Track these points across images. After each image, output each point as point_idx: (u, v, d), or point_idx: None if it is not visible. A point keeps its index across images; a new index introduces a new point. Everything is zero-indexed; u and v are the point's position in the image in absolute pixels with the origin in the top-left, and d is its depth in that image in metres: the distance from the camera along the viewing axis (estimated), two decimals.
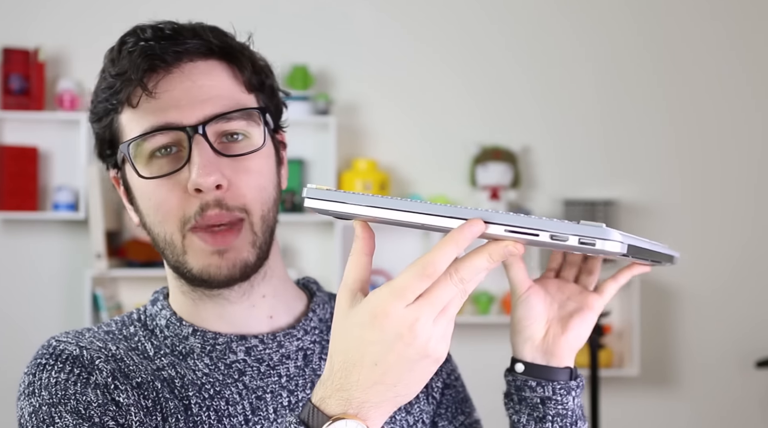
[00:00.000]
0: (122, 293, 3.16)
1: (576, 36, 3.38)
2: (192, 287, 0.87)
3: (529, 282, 0.83)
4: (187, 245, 0.83)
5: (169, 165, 0.82)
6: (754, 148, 3.42)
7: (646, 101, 3.39)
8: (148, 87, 0.82)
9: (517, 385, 0.85)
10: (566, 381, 0.83)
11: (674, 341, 3.37)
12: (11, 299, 3.13)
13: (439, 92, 3.32)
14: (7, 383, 3.10)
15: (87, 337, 0.86)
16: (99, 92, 0.87)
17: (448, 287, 0.60)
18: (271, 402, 0.85)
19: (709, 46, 3.42)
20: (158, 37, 0.84)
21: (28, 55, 3.07)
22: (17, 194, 3.03)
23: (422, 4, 3.33)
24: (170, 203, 0.82)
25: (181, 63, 0.84)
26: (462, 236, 0.59)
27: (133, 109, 0.83)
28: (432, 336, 0.60)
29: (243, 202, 0.83)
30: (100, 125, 0.87)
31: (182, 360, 0.86)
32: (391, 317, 0.59)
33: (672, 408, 3.36)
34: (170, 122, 0.82)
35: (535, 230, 0.57)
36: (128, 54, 0.83)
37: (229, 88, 0.85)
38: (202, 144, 0.81)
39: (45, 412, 0.78)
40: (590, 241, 0.56)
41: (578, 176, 3.36)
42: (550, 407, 0.83)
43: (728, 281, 3.37)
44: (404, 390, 0.62)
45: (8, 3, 3.15)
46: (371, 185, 3.12)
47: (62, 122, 3.10)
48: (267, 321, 0.90)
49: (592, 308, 0.83)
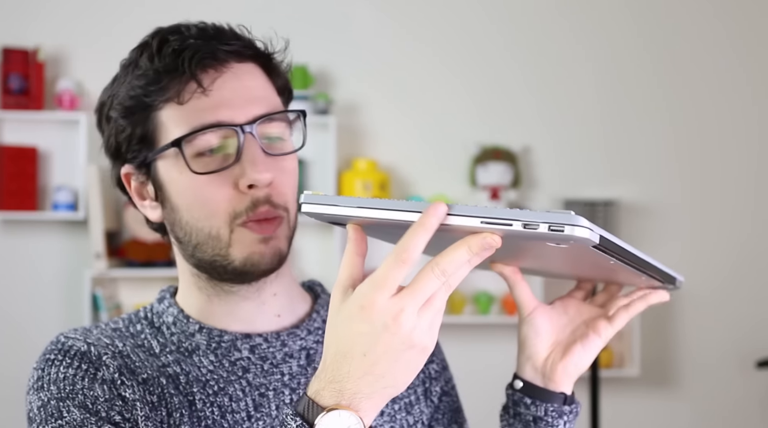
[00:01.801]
0: (122, 293, 3.16)
1: (576, 36, 3.38)
2: (211, 283, 0.89)
3: (534, 303, 0.85)
4: (234, 239, 0.84)
5: (215, 162, 0.84)
6: (753, 148, 3.42)
7: (645, 101, 3.39)
8: (203, 84, 0.83)
9: (515, 400, 0.88)
10: (559, 405, 0.86)
11: (674, 341, 3.37)
12: (11, 299, 3.13)
13: (439, 92, 3.32)
14: (8, 382, 3.10)
15: (94, 334, 0.88)
16: (131, 87, 0.86)
17: (430, 279, 0.62)
18: (274, 399, 0.87)
19: (709, 45, 3.42)
20: (205, 36, 0.86)
21: (28, 55, 3.07)
22: (16, 194, 3.03)
23: (422, 4, 3.33)
24: (219, 199, 0.83)
25: (230, 63, 0.86)
26: (428, 220, 0.61)
27: (179, 105, 0.84)
28: (416, 326, 0.62)
29: (284, 200, 0.86)
30: (130, 119, 0.86)
31: (187, 356, 0.88)
32: (376, 307, 0.61)
33: (672, 409, 3.36)
34: (222, 120, 0.83)
35: (508, 220, 0.59)
36: (174, 51, 0.84)
37: (267, 90, 0.88)
38: (254, 143, 0.83)
39: (53, 406, 0.80)
40: (558, 227, 0.58)
41: (578, 176, 3.36)
42: (541, 427, 0.86)
43: (728, 281, 3.37)
44: (393, 381, 0.63)
45: (8, 3, 3.15)
46: (371, 185, 3.12)
47: (62, 122, 3.10)
48: (275, 320, 0.91)
49: (600, 335, 0.85)
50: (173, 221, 0.87)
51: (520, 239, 0.61)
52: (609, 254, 0.64)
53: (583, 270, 0.80)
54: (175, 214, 0.87)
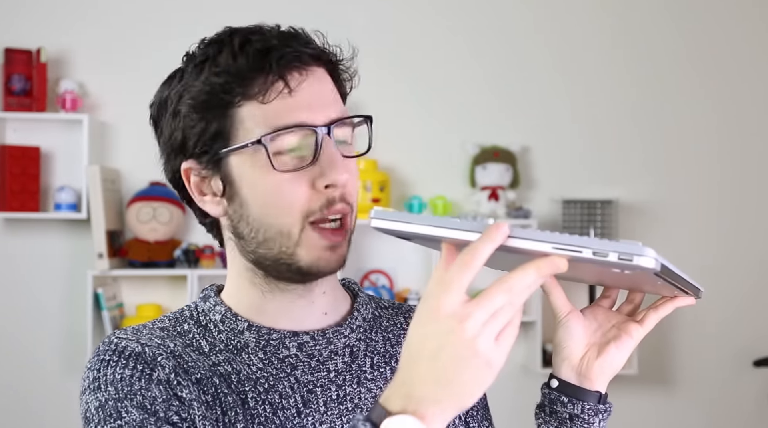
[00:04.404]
0: (124, 293, 3.18)
1: (574, 37, 3.40)
2: (267, 280, 0.91)
3: (569, 307, 0.89)
4: (303, 238, 0.87)
5: (292, 162, 0.86)
6: (752, 147, 3.44)
7: (644, 102, 3.41)
8: (290, 84, 0.86)
9: (551, 398, 0.91)
10: (595, 403, 0.89)
11: (672, 340, 3.39)
12: (13, 298, 3.14)
13: (439, 93, 3.33)
14: (10, 381, 3.12)
15: (145, 334, 0.89)
16: (207, 83, 0.86)
17: (498, 294, 0.64)
18: (321, 395, 0.89)
19: (707, 46, 3.43)
20: (286, 38, 0.88)
21: (30, 56, 3.09)
22: (19, 195, 3.04)
23: (421, 4, 3.35)
24: (296, 196, 0.86)
25: (312, 66, 0.89)
26: (493, 235, 0.65)
27: (261, 104, 0.86)
28: (481, 334, 0.64)
29: (352, 200, 0.89)
30: (203, 115, 0.87)
31: (236, 354, 0.89)
32: (443, 310, 0.64)
33: (670, 407, 3.38)
34: (305, 121, 0.86)
35: (579, 248, 0.64)
36: (259, 51, 0.86)
37: (336, 94, 0.91)
38: (331, 144, 0.86)
39: (111, 407, 0.82)
40: (627, 257, 0.63)
41: (576, 176, 3.37)
42: (577, 424, 0.90)
43: (726, 280, 3.39)
44: (459, 390, 0.64)
45: (10, 4, 3.17)
46: (371, 185, 3.13)
47: (64, 123, 3.12)
48: (322, 318, 0.94)
49: (631, 336, 0.88)
50: (240, 216, 0.89)
51: (582, 262, 0.65)
52: (661, 277, 0.68)
53: (617, 282, 0.84)
54: (244, 209, 0.88)
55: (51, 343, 3.13)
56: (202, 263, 3.10)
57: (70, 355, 3.13)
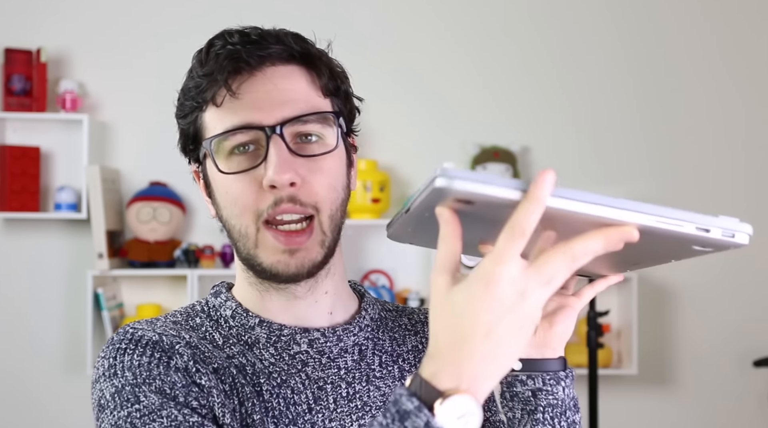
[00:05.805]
0: (124, 293, 3.18)
1: (574, 37, 3.40)
2: (260, 280, 0.92)
3: None
4: (259, 239, 0.88)
5: (247, 162, 0.88)
6: (750, 147, 3.44)
7: (644, 102, 3.40)
8: (232, 88, 0.87)
9: (509, 381, 0.90)
10: (556, 371, 0.89)
11: (672, 340, 3.39)
12: (13, 298, 3.14)
13: (439, 92, 3.33)
14: (11, 380, 3.12)
15: (159, 325, 0.90)
16: (186, 91, 0.92)
17: (559, 261, 0.61)
18: (332, 392, 0.90)
19: (705, 46, 3.43)
20: (244, 41, 0.89)
21: (31, 56, 3.09)
22: (19, 194, 3.04)
23: (421, 4, 3.35)
24: (247, 197, 0.87)
25: (264, 67, 0.89)
26: (539, 194, 0.61)
27: (216, 107, 0.88)
28: (538, 302, 0.62)
29: (315, 200, 0.88)
30: (185, 121, 0.92)
31: (248, 349, 0.90)
32: (503, 282, 0.60)
33: (670, 407, 3.38)
34: (250, 121, 0.87)
35: (680, 222, 0.60)
36: (215, 56, 0.88)
37: (306, 92, 0.91)
38: (279, 144, 0.86)
39: (129, 392, 0.81)
40: (730, 233, 0.60)
41: (576, 176, 3.37)
42: (541, 398, 0.89)
43: (726, 280, 3.39)
44: (510, 360, 0.63)
45: (10, 4, 3.17)
46: (371, 185, 3.13)
47: (64, 123, 3.12)
48: (327, 317, 0.94)
49: (573, 307, 0.88)
50: (220, 217, 0.92)
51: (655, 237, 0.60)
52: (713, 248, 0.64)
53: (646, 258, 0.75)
54: (220, 210, 0.92)
55: (51, 343, 3.13)
56: (202, 263, 3.10)
57: (70, 355, 3.12)
